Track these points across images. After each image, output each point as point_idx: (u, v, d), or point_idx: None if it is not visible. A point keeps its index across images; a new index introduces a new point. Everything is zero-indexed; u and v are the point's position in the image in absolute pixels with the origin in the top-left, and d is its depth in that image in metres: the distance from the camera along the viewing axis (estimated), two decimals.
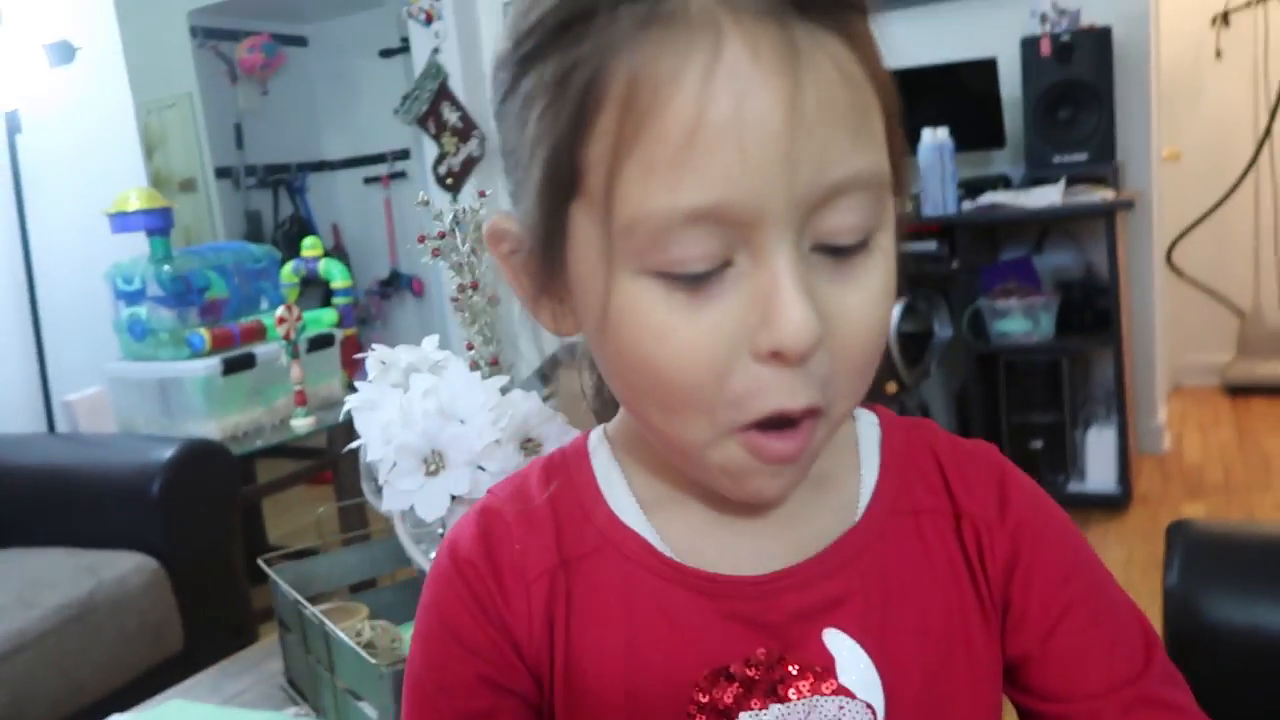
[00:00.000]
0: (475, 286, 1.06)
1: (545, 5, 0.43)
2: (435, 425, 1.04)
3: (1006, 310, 3.08)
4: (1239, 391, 4.02)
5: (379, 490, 1.09)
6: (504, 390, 1.08)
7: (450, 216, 1.06)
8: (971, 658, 0.52)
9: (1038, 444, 3.07)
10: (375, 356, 1.13)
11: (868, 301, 0.45)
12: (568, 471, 0.55)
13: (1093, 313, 3.09)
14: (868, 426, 0.57)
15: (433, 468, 1.04)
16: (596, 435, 0.57)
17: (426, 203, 1.13)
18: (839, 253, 0.44)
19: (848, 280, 0.44)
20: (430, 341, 1.15)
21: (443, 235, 1.07)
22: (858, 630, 0.50)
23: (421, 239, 1.08)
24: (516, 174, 0.48)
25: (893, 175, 0.46)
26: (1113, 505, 3.02)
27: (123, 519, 2.06)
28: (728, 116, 0.39)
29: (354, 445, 1.10)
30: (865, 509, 0.53)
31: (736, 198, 0.40)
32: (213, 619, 2.09)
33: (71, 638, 1.81)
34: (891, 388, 3.06)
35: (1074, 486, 3.10)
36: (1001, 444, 2.64)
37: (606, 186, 0.42)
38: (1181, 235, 4.03)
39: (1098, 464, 3.07)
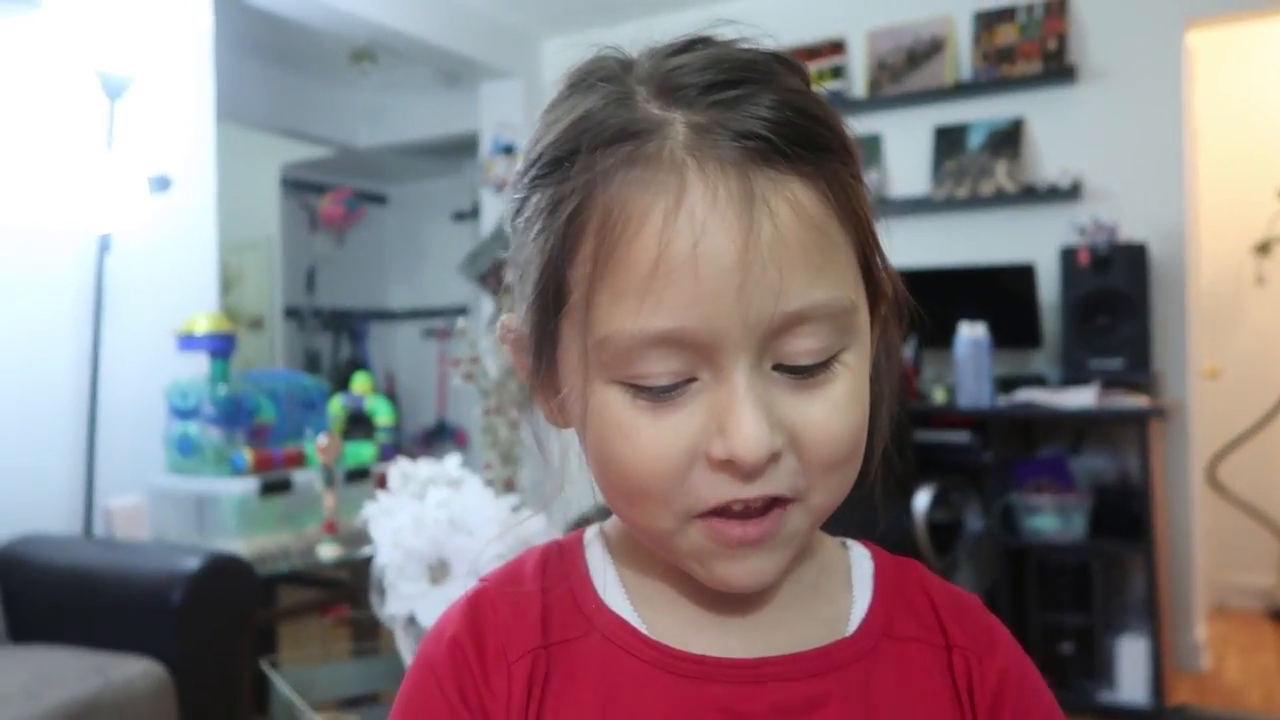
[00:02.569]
0: (499, 410, 1.12)
1: (547, 139, 0.49)
2: (444, 534, 1.08)
3: (1039, 507, 3.07)
4: None
5: (385, 599, 1.12)
6: (515, 509, 1.13)
7: (481, 344, 1.14)
8: None
9: (1068, 647, 2.98)
10: (398, 469, 1.19)
11: (831, 410, 0.47)
12: (561, 561, 0.56)
13: (1127, 518, 3.06)
14: (860, 557, 0.58)
15: (437, 575, 1.08)
16: (592, 531, 0.59)
17: (464, 332, 1.21)
18: (801, 372, 0.47)
19: (811, 393, 0.47)
20: (452, 459, 1.22)
21: (475, 360, 1.15)
22: None
23: (456, 362, 1.16)
24: (518, 285, 0.52)
25: (874, 293, 0.51)
26: (1144, 719, 2.90)
27: (140, 624, 2.09)
28: (685, 253, 0.44)
29: (367, 551, 1.15)
30: (857, 627, 0.54)
31: (694, 324, 0.45)
32: None
33: None
34: None
35: (1104, 696, 2.98)
36: (1030, 644, 2.58)
37: (585, 305, 0.47)
38: (1223, 452, 4.00)
39: (1130, 674, 2.96)
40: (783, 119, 0.46)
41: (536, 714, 0.51)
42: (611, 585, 0.55)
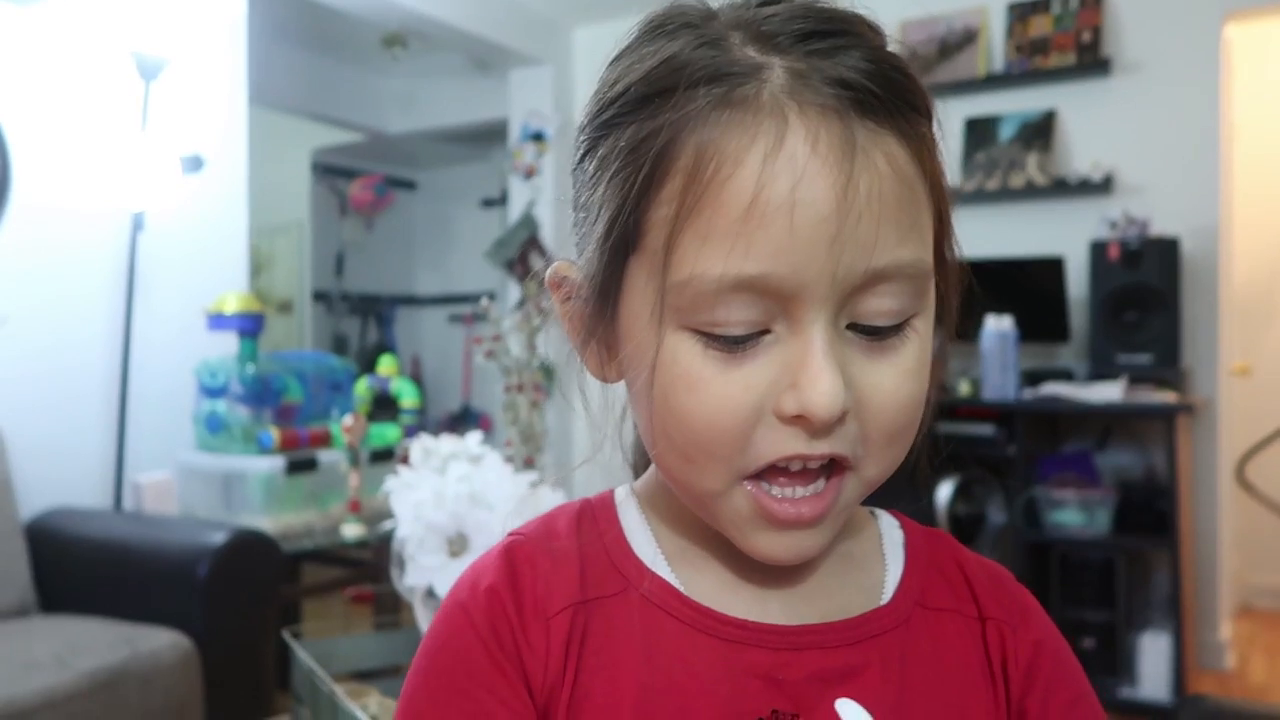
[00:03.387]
0: (520, 389, 1.13)
1: (631, 78, 0.48)
2: (464, 509, 1.10)
3: (1062, 501, 3.05)
4: None
5: (404, 572, 1.14)
6: (533, 485, 1.14)
7: (505, 322, 1.15)
8: None
9: (1089, 643, 2.97)
10: (419, 444, 1.21)
11: (899, 376, 0.47)
12: (595, 519, 0.55)
13: (1152, 515, 3.04)
14: (890, 527, 0.58)
15: (456, 548, 1.10)
16: (624, 491, 0.57)
17: (486, 311, 1.23)
18: (874, 333, 0.47)
19: (881, 358, 0.47)
20: (473, 436, 1.23)
21: (497, 339, 1.16)
22: (872, 704, 0.50)
23: (478, 340, 1.17)
24: (583, 228, 0.51)
25: (940, 266, 0.50)
26: (1165, 716, 2.88)
27: (168, 597, 2.13)
28: (783, 197, 0.43)
29: (388, 525, 1.16)
30: (892, 596, 0.54)
31: (782, 272, 0.44)
32: (235, 705, 2.12)
33: (98, 704, 1.86)
34: None
35: (1125, 692, 2.97)
36: None
37: (666, 247, 0.45)
38: (1253, 451, 3.95)
39: (1152, 671, 2.95)
40: (880, 72, 0.45)
41: (575, 669, 0.50)
42: (648, 544, 0.54)
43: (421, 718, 0.50)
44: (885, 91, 0.45)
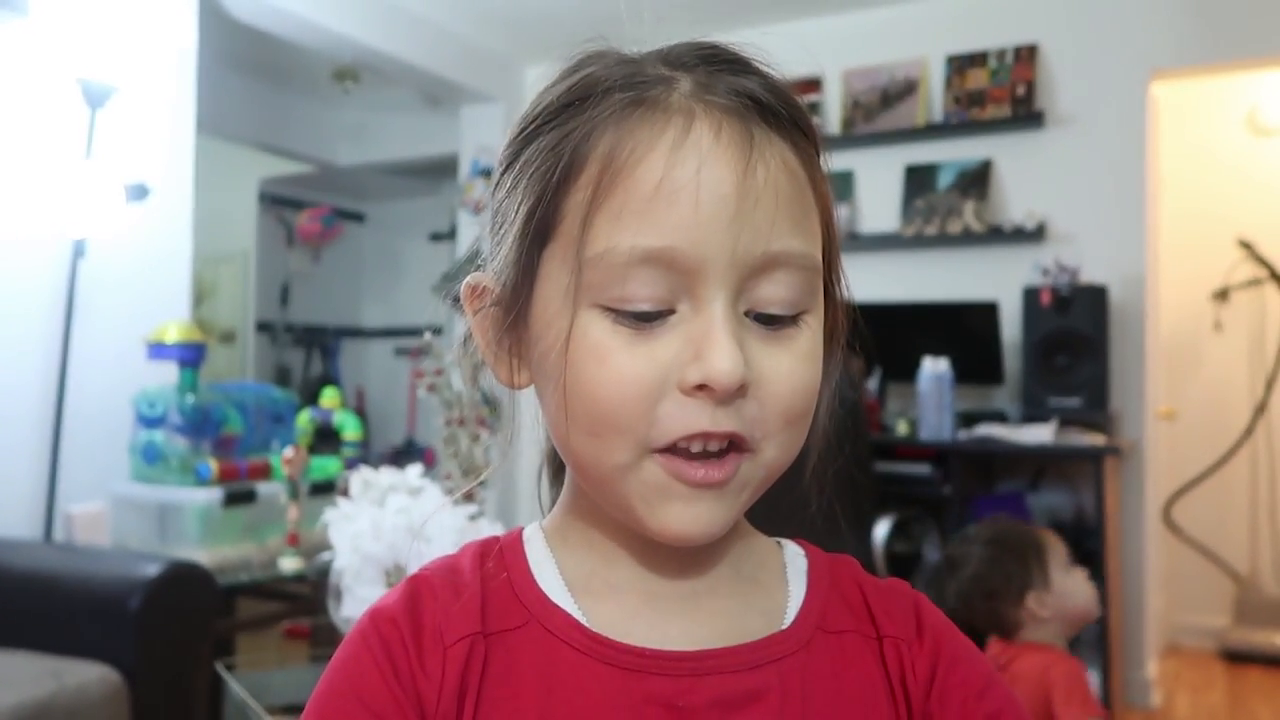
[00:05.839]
0: (461, 422, 1.15)
1: (553, 94, 0.53)
2: (402, 541, 1.11)
3: None
4: (1236, 658, 3.94)
5: (340, 603, 1.15)
6: (473, 518, 1.16)
7: (447, 358, 1.18)
8: None
9: None
10: (359, 476, 1.22)
11: (795, 360, 0.51)
12: (500, 555, 0.56)
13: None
14: (794, 555, 0.60)
15: (393, 580, 1.10)
16: (532, 528, 0.59)
17: (430, 345, 1.25)
18: (771, 322, 0.50)
19: (778, 345, 0.51)
20: (414, 469, 1.24)
21: (439, 372, 1.18)
22: None
23: (420, 374, 1.19)
24: (498, 233, 0.55)
25: (829, 303, 0.54)
26: None
27: (98, 630, 2.09)
28: (688, 177, 0.48)
29: (326, 556, 1.17)
30: (793, 620, 0.55)
31: (687, 246, 0.48)
32: None
33: None
34: None
35: None
36: None
37: (581, 226, 0.49)
38: (1179, 493, 4.08)
39: None
40: (775, 90, 0.52)
41: (474, 703, 0.50)
42: (551, 576, 0.55)
43: None
44: (779, 105, 0.51)
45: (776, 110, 0.51)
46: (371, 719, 0.50)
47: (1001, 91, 3.63)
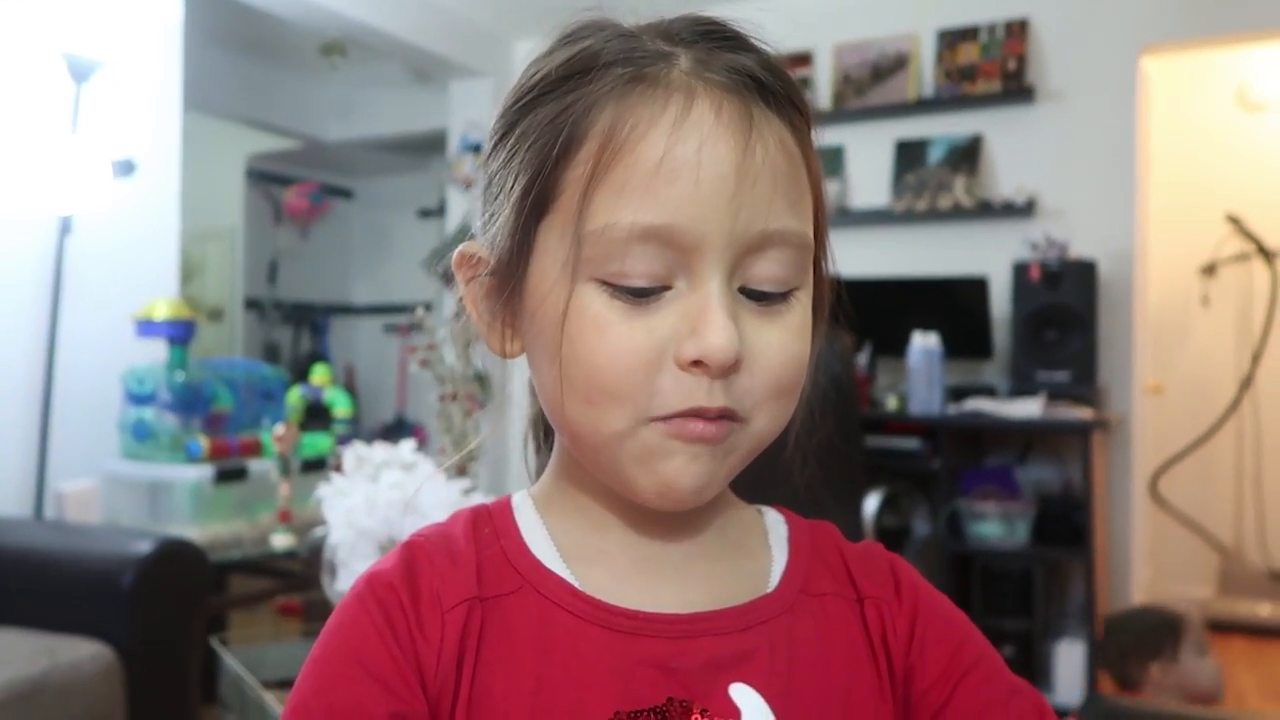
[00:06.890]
0: (454, 397, 1.15)
1: (551, 64, 0.53)
2: (396, 515, 1.11)
3: (984, 514, 3.14)
4: (1221, 628, 3.99)
5: (335, 578, 1.15)
6: (466, 492, 1.16)
7: (440, 332, 1.18)
8: None
9: (1008, 650, 3.06)
10: (353, 451, 1.22)
11: (786, 334, 0.52)
12: (492, 522, 0.57)
13: (1069, 527, 3.15)
14: (775, 522, 0.61)
15: None
16: (520, 495, 0.60)
17: (421, 321, 1.25)
18: (763, 299, 0.51)
19: (769, 320, 0.52)
20: (407, 444, 1.25)
21: (432, 347, 1.18)
22: (764, 687, 0.52)
23: (413, 349, 1.19)
24: (494, 204, 0.55)
25: (817, 278, 0.55)
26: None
27: (90, 607, 2.09)
28: (689, 155, 0.48)
29: (320, 531, 1.17)
30: (777, 584, 0.57)
31: (686, 223, 0.49)
32: (158, 718, 2.08)
33: (15, 716, 1.81)
34: None
35: None
36: None
37: (581, 201, 0.49)
38: (1165, 466, 4.12)
39: (1067, 678, 3.05)
40: (770, 67, 0.52)
41: (472, 667, 0.51)
42: (543, 542, 0.56)
43: (316, 695, 0.51)
44: (775, 83, 0.52)
45: (774, 88, 0.52)
46: (372, 682, 0.51)
47: (992, 66, 3.62)
